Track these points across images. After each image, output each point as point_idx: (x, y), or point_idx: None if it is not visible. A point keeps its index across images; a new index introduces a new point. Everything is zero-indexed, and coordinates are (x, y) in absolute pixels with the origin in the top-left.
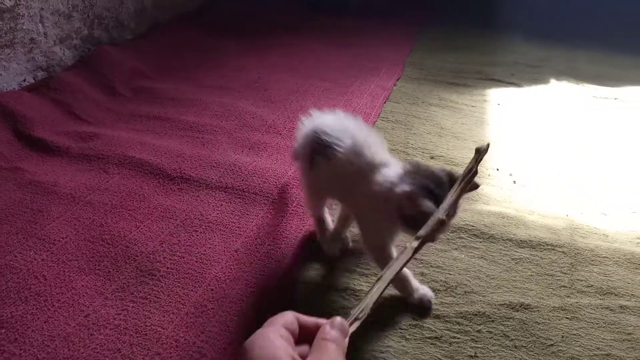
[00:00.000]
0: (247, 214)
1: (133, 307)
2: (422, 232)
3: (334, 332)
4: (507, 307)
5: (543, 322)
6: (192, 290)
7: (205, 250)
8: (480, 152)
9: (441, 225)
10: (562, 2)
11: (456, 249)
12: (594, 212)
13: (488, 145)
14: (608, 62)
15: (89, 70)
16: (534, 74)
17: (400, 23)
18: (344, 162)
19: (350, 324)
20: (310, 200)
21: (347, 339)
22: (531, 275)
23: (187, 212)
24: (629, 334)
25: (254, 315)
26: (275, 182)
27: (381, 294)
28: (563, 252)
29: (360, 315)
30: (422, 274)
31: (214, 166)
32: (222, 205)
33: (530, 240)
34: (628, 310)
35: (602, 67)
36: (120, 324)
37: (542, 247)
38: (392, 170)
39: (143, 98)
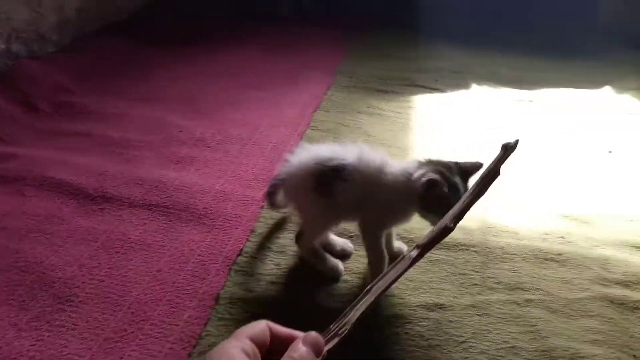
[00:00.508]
0: (171, 232)
1: (49, 336)
2: (424, 239)
3: (304, 350)
4: (424, 307)
5: (456, 320)
6: (111, 314)
7: (126, 272)
8: (507, 150)
9: (445, 232)
10: (485, 9)
11: None
12: (508, 211)
13: (517, 141)
14: (527, 65)
15: (5, 86)
16: (457, 80)
17: (331, 29)
18: (358, 177)
19: (327, 341)
20: (321, 229)
21: (320, 358)
22: (446, 275)
23: (109, 233)
24: (532, 325)
25: (175, 335)
26: (202, 198)
27: (369, 307)
28: (476, 251)
29: (340, 332)
30: (343, 281)
31: (138, 183)
32: (145, 224)
33: (446, 242)
34: (532, 303)
35: (522, 71)
36: (35, 356)
37: (457, 247)
38: (402, 164)
39: (65, 113)
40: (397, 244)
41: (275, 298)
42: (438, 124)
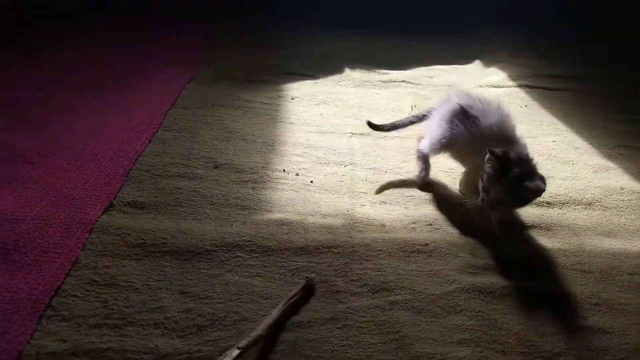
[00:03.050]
0: None
1: None
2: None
3: None
4: (278, 329)
5: (314, 339)
6: None
7: None
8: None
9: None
10: None
11: (230, 270)
12: (375, 202)
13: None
14: (399, 47)
15: None
16: (329, 64)
17: (193, 21)
18: None
19: None
20: None
21: None
22: None
23: None
24: (396, 332)
25: None
26: (13, 228)
27: None
28: (339, 252)
29: None
30: (187, 310)
31: None
32: None
33: (307, 246)
34: (397, 305)
35: (394, 53)
36: None
37: (319, 251)
38: None
39: None
40: None
41: (96, 347)
42: (309, 113)
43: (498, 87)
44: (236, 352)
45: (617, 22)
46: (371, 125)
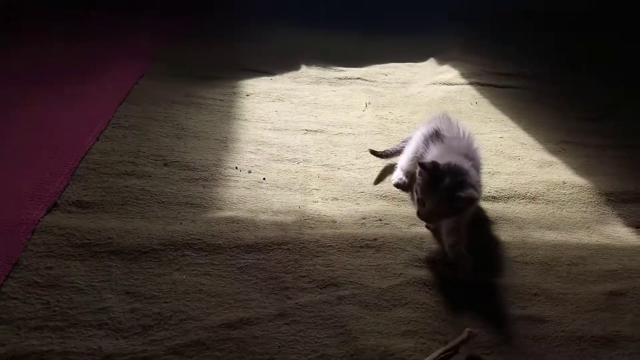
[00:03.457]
0: None
1: None
2: None
3: None
4: (226, 327)
5: (261, 335)
6: None
7: None
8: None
9: None
10: None
11: (178, 269)
12: (327, 198)
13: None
14: (356, 45)
15: None
16: (286, 61)
17: (148, 17)
18: None
19: None
20: None
21: None
22: (255, 282)
23: None
24: (343, 326)
25: None
26: None
27: None
28: (289, 249)
29: None
30: (132, 310)
31: None
32: None
33: (257, 243)
34: (345, 300)
35: (350, 50)
36: None
37: (269, 248)
38: None
39: None
40: None
41: (36, 350)
42: (263, 109)
43: (450, 84)
44: None
45: (568, 22)
46: (373, 152)
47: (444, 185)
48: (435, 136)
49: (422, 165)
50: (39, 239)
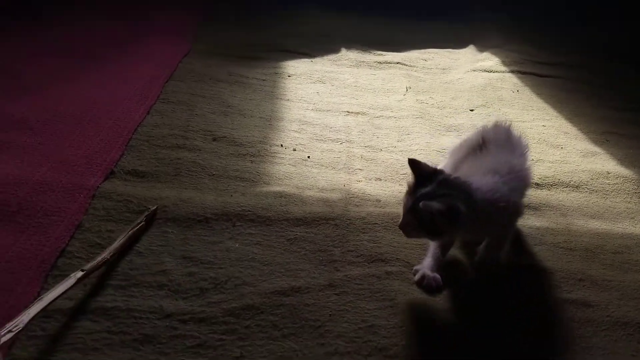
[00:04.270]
0: None
1: None
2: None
3: None
4: (278, 293)
5: (312, 304)
6: None
7: None
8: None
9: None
10: None
11: (230, 238)
12: (370, 178)
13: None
14: (395, 27)
15: None
16: (326, 43)
17: None
18: None
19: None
20: None
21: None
22: (305, 254)
23: None
24: (391, 299)
25: None
26: (15, 192)
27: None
28: (336, 224)
29: (14, 328)
30: (190, 274)
31: None
32: None
33: (305, 217)
34: (392, 275)
35: (390, 33)
36: None
37: (316, 222)
38: None
39: None
40: None
41: (101, 305)
42: (306, 90)
43: (491, 71)
44: (80, 273)
45: (610, 11)
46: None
47: (419, 194)
48: (480, 147)
49: (411, 163)
50: (99, 204)
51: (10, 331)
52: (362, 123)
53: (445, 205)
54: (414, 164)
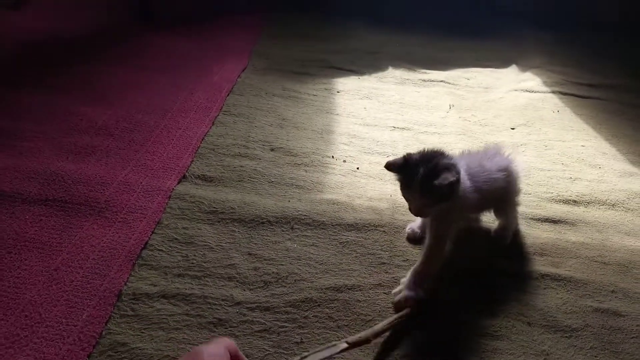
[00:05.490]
0: (69, 228)
1: None
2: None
3: None
4: (333, 289)
5: (364, 300)
6: (2, 319)
7: (19, 273)
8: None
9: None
10: None
11: (289, 239)
12: None
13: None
14: (439, 46)
15: None
16: (372, 60)
17: (246, 11)
18: None
19: None
20: None
21: None
22: (356, 256)
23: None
24: None
25: (74, 336)
26: (103, 190)
27: None
28: (384, 231)
29: None
30: (255, 268)
31: (32, 177)
32: (41, 220)
33: (356, 223)
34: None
35: (434, 51)
36: None
37: (366, 228)
38: None
39: None
40: None
41: (181, 292)
42: (354, 106)
43: (532, 91)
44: (344, 345)
45: None
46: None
47: (418, 179)
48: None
49: (388, 167)
50: (175, 204)
51: None
52: (407, 138)
53: (451, 173)
54: (391, 166)
